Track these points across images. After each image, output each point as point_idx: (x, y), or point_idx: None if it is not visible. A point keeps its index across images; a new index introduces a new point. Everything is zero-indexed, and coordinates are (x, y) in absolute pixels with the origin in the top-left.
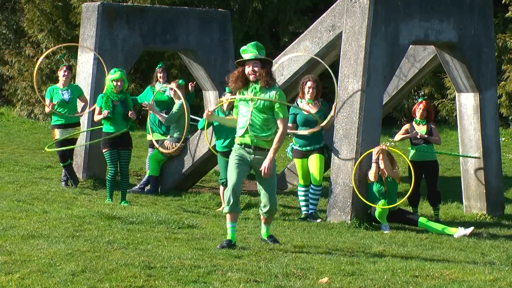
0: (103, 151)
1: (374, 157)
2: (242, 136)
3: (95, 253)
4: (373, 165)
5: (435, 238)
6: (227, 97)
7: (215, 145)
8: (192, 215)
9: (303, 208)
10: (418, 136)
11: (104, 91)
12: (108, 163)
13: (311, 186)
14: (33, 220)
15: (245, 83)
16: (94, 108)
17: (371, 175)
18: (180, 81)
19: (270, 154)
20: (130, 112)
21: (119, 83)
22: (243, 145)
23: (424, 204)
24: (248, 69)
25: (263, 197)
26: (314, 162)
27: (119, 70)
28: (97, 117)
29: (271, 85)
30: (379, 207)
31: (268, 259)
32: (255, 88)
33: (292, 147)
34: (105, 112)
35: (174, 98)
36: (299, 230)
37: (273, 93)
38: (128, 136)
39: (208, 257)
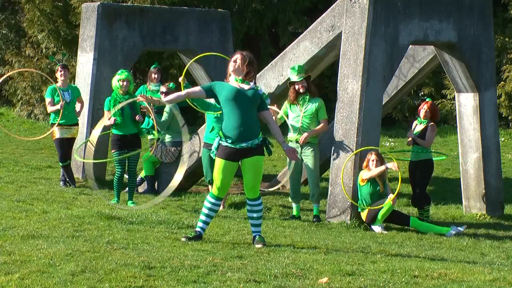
0: (112, 151)
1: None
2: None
3: (95, 253)
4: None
5: (435, 238)
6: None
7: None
8: (192, 215)
9: None
10: (409, 140)
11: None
12: (115, 164)
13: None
14: (33, 220)
15: None
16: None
17: (373, 172)
18: (171, 84)
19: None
20: (137, 117)
21: (125, 83)
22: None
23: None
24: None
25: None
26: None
27: (125, 71)
28: (106, 122)
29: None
30: (388, 201)
31: (268, 259)
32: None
33: None
34: (112, 119)
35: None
36: (299, 230)
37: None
38: (137, 136)
39: (208, 257)
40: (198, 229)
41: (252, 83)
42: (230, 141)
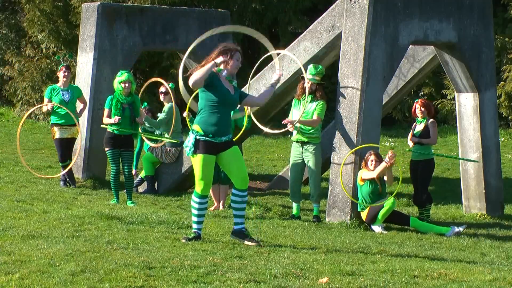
0: (105, 149)
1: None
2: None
3: (95, 253)
4: (382, 165)
5: (435, 238)
6: None
7: None
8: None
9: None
10: (410, 140)
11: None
12: (110, 162)
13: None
14: (33, 220)
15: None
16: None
17: (374, 174)
18: (170, 84)
19: None
20: (137, 119)
21: (126, 85)
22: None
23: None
24: None
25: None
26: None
27: (126, 72)
28: (106, 120)
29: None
30: (388, 203)
31: (268, 259)
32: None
33: None
34: (116, 119)
35: (163, 102)
36: (299, 230)
37: None
38: (130, 137)
39: (208, 257)
40: (194, 230)
41: (234, 81)
42: (211, 135)
